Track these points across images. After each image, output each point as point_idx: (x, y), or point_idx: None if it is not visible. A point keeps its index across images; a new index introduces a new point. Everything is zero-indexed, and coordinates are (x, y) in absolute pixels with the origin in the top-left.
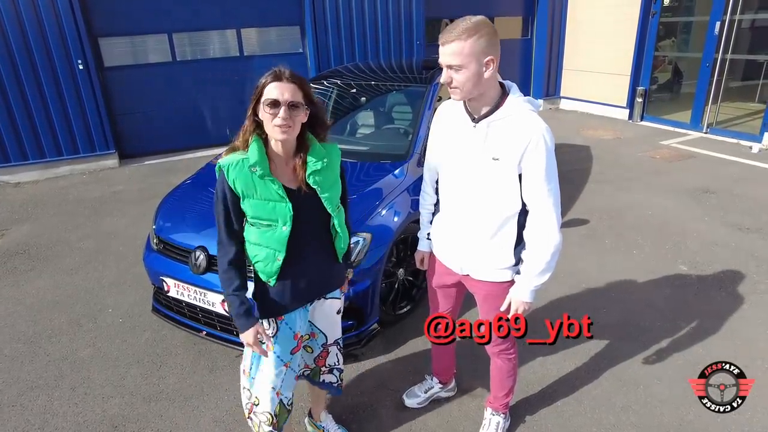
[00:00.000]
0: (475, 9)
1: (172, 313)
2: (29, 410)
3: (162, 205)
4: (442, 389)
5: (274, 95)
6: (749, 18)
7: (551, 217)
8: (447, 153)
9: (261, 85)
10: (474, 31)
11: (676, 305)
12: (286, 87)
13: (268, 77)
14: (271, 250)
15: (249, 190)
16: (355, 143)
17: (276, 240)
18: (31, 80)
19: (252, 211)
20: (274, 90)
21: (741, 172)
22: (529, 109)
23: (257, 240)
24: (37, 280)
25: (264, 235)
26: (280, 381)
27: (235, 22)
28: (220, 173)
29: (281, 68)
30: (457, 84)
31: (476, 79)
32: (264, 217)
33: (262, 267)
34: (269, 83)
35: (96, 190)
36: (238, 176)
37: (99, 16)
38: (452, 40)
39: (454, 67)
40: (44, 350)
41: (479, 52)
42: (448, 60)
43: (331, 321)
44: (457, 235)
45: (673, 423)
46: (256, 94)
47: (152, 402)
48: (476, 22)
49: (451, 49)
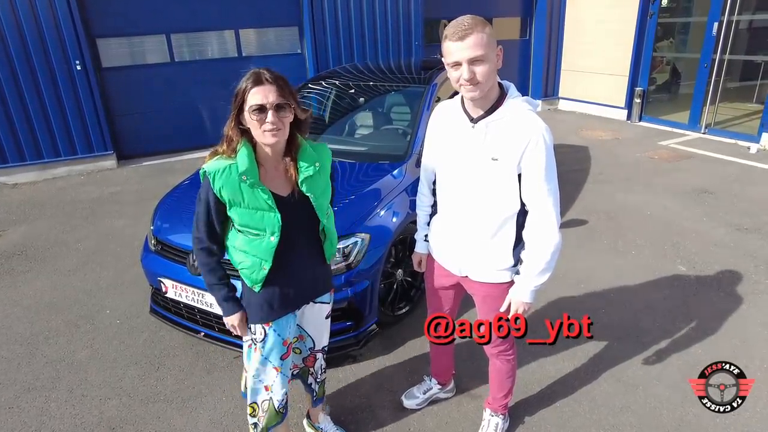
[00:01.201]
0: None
1: (170, 315)
2: (26, 412)
3: (160, 206)
4: (441, 390)
5: (258, 100)
6: (747, 19)
7: (551, 217)
8: (445, 154)
9: (241, 91)
10: (482, 23)
11: (675, 305)
12: (269, 89)
13: (247, 82)
14: (257, 259)
15: (236, 198)
16: (354, 144)
17: (263, 250)
18: (29, 81)
19: (240, 220)
20: (257, 95)
21: (739, 173)
22: (527, 109)
23: (243, 247)
24: (34, 281)
25: (251, 244)
26: (270, 379)
27: (234, 22)
28: (204, 179)
29: (259, 70)
30: (481, 77)
31: (494, 72)
32: (252, 226)
33: (248, 274)
34: (250, 89)
35: (94, 191)
36: (225, 184)
37: (97, 17)
38: (470, 33)
39: (478, 59)
40: (41, 352)
41: (493, 43)
42: (470, 53)
43: (319, 326)
44: (456, 237)
45: (672, 423)
46: (238, 102)
47: (150, 404)
48: (478, 17)
49: (472, 42)
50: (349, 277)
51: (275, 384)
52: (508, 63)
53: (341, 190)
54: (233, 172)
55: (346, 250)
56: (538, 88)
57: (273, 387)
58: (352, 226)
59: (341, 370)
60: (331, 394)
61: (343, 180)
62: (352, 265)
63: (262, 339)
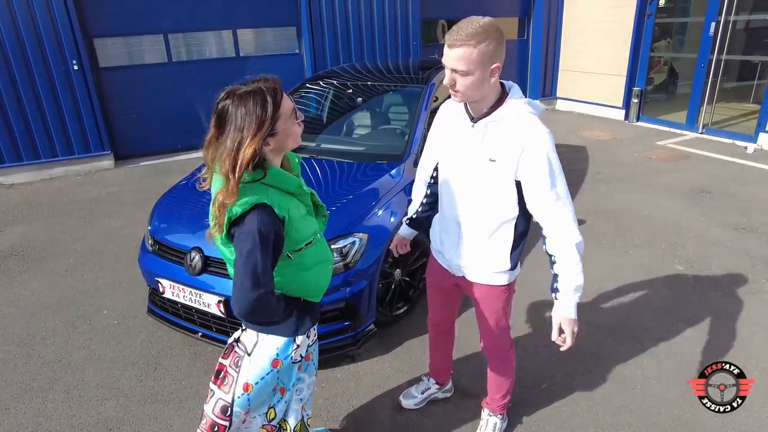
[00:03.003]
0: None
1: (167, 315)
2: (22, 413)
3: (157, 206)
4: (439, 390)
5: (291, 105)
6: (744, 19)
7: (567, 227)
8: (445, 152)
9: (274, 105)
10: (483, 36)
11: (673, 305)
12: (286, 97)
13: (275, 97)
14: (326, 262)
15: (295, 212)
16: (352, 143)
17: (324, 249)
18: (26, 81)
19: (303, 232)
20: (287, 101)
21: (736, 173)
22: (528, 112)
23: (313, 259)
24: (31, 281)
25: (315, 251)
26: (309, 392)
27: (231, 22)
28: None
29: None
30: (459, 88)
31: (479, 85)
32: (309, 233)
33: (316, 287)
34: (280, 97)
35: (91, 191)
36: (281, 205)
37: (94, 17)
38: (460, 45)
39: (459, 72)
40: (38, 352)
41: (487, 59)
42: (453, 64)
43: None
44: (453, 236)
45: (670, 423)
46: (273, 117)
47: (147, 404)
48: (485, 26)
49: (457, 54)
50: (347, 276)
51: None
52: (506, 63)
53: (339, 189)
54: (281, 192)
55: (344, 250)
56: (535, 88)
57: (309, 401)
58: (350, 226)
59: (339, 370)
60: (328, 394)
61: (341, 180)
62: (350, 264)
63: (314, 341)
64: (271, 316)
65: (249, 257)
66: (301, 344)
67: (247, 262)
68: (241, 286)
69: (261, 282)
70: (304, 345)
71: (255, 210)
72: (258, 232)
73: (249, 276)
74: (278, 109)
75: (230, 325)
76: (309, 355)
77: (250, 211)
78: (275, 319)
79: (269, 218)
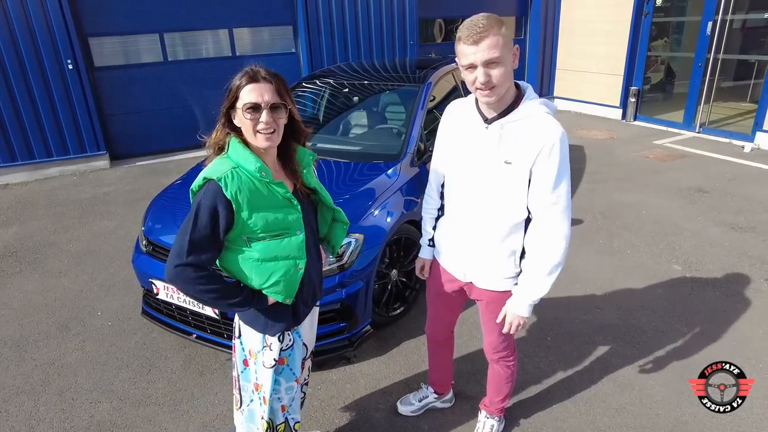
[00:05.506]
0: (468, 9)
1: (162, 316)
2: (14, 417)
3: (151, 207)
4: (438, 400)
5: (252, 98)
6: (740, 18)
7: (558, 229)
8: (456, 155)
9: (235, 88)
10: (499, 24)
11: (670, 305)
12: (264, 87)
13: (242, 78)
14: (290, 261)
15: (256, 199)
16: (348, 143)
17: (295, 247)
18: (20, 80)
19: (263, 223)
20: (251, 92)
21: (733, 172)
22: (545, 112)
23: (272, 253)
24: (24, 282)
25: (279, 246)
26: (289, 397)
27: (228, 21)
28: (208, 186)
29: (255, 67)
30: (497, 80)
31: (510, 73)
32: (276, 226)
33: (283, 285)
34: (244, 85)
35: (86, 192)
36: (240, 187)
37: (89, 16)
38: (486, 36)
39: (493, 62)
40: (31, 354)
41: (510, 43)
42: (486, 55)
43: (314, 329)
44: (462, 241)
45: (668, 424)
46: (230, 99)
47: (141, 407)
48: (493, 17)
49: (488, 44)
50: (342, 277)
51: (294, 401)
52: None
53: (335, 189)
54: (243, 172)
55: (340, 251)
56: (533, 87)
57: (292, 405)
58: None
59: (335, 371)
60: (324, 396)
61: (337, 179)
62: (345, 265)
63: (290, 345)
64: (196, 294)
65: (184, 227)
66: (273, 347)
67: (181, 231)
68: (171, 252)
69: (186, 253)
70: (276, 349)
71: (206, 184)
72: (198, 205)
73: (176, 244)
74: (238, 90)
75: (225, 326)
76: (283, 359)
77: (204, 185)
78: (206, 300)
79: (212, 195)
